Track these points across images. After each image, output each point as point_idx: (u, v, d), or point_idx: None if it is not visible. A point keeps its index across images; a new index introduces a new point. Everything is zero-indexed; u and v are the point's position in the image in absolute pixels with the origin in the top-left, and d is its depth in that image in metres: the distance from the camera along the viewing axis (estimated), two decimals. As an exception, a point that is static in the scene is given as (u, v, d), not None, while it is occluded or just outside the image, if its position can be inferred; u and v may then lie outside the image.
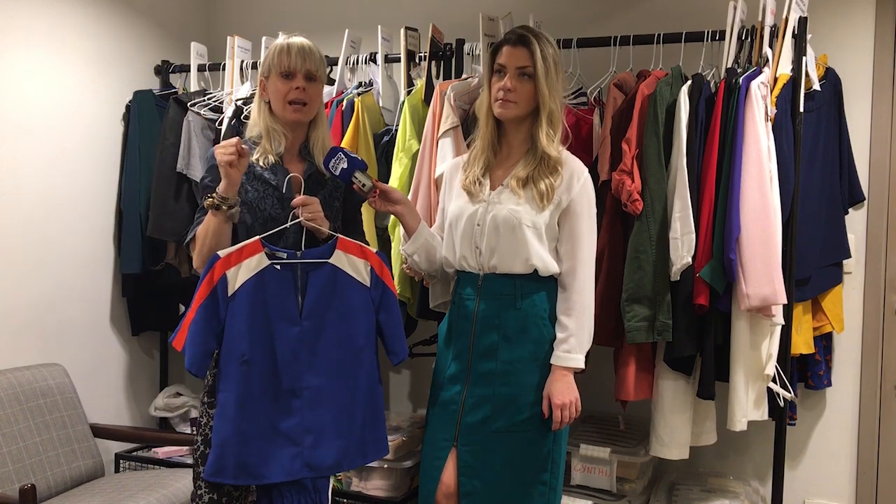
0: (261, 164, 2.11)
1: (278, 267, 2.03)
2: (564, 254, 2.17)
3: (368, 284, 2.13)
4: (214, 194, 2.00)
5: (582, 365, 2.14)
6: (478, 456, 2.15)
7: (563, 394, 2.11)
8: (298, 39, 2.13)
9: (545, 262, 2.15)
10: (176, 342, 1.99)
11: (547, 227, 2.14)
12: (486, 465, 2.14)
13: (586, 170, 2.21)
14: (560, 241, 2.18)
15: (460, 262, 2.23)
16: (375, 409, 2.15)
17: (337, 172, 2.13)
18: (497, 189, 2.19)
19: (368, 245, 2.17)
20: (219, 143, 3.09)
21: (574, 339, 2.13)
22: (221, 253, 1.98)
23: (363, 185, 2.17)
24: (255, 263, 2.01)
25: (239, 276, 1.99)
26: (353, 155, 2.14)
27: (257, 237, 2.02)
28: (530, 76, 2.13)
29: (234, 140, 2.00)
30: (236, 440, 1.98)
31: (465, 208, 2.22)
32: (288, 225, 2.06)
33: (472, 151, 2.29)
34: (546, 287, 2.18)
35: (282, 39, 2.14)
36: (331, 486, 2.59)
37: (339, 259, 2.09)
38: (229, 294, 1.98)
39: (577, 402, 2.14)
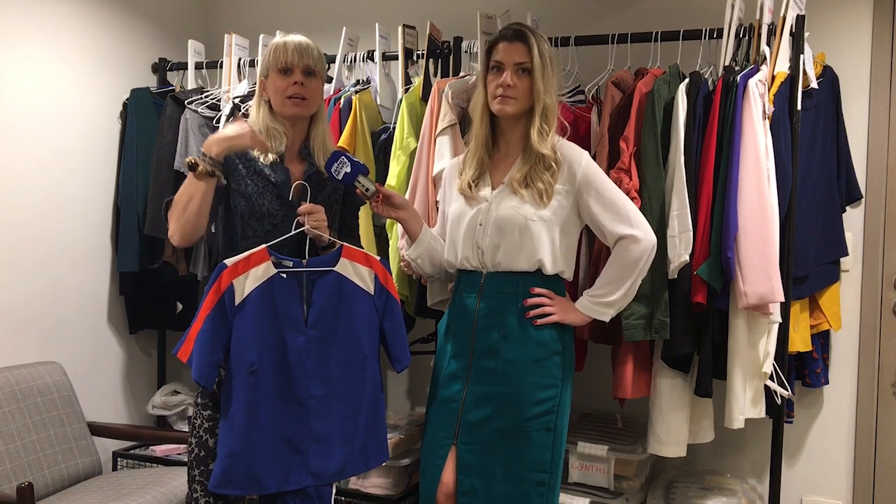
0: (261, 160, 2.11)
1: (284, 275, 2.01)
2: (610, 221, 2.13)
3: (372, 292, 2.12)
4: (206, 159, 1.96)
5: (607, 319, 2.21)
6: (478, 455, 2.14)
7: (572, 317, 2.18)
8: (296, 37, 2.12)
9: (553, 257, 2.14)
10: (181, 353, 1.94)
11: (564, 222, 2.14)
12: (486, 464, 2.14)
13: (585, 153, 2.19)
14: (595, 217, 2.14)
15: (462, 263, 2.23)
16: (377, 416, 2.14)
17: (339, 177, 2.12)
18: (498, 188, 2.19)
19: (363, 249, 2.16)
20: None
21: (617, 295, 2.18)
22: (228, 262, 1.96)
23: (366, 190, 2.16)
24: (262, 272, 1.98)
25: (246, 285, 1.96)
26: (355, 159, 2.13)
27: (263, 245, 2.01)
28: (528, 71, 2.13)
29: (247, 128, 2.02)
30: (244, 451, 1.96)
31: (465, 210, 2.21)
32: (293, 233, 2.05)
33: (467, 152, 2.28)
34: (549, 286, 2.17)
35: (279, 38, 2.14)
36: (333, 491, 2.59)
37: (345, 267, 2.08)
38: (237, 303, 1.96)
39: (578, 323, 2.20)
